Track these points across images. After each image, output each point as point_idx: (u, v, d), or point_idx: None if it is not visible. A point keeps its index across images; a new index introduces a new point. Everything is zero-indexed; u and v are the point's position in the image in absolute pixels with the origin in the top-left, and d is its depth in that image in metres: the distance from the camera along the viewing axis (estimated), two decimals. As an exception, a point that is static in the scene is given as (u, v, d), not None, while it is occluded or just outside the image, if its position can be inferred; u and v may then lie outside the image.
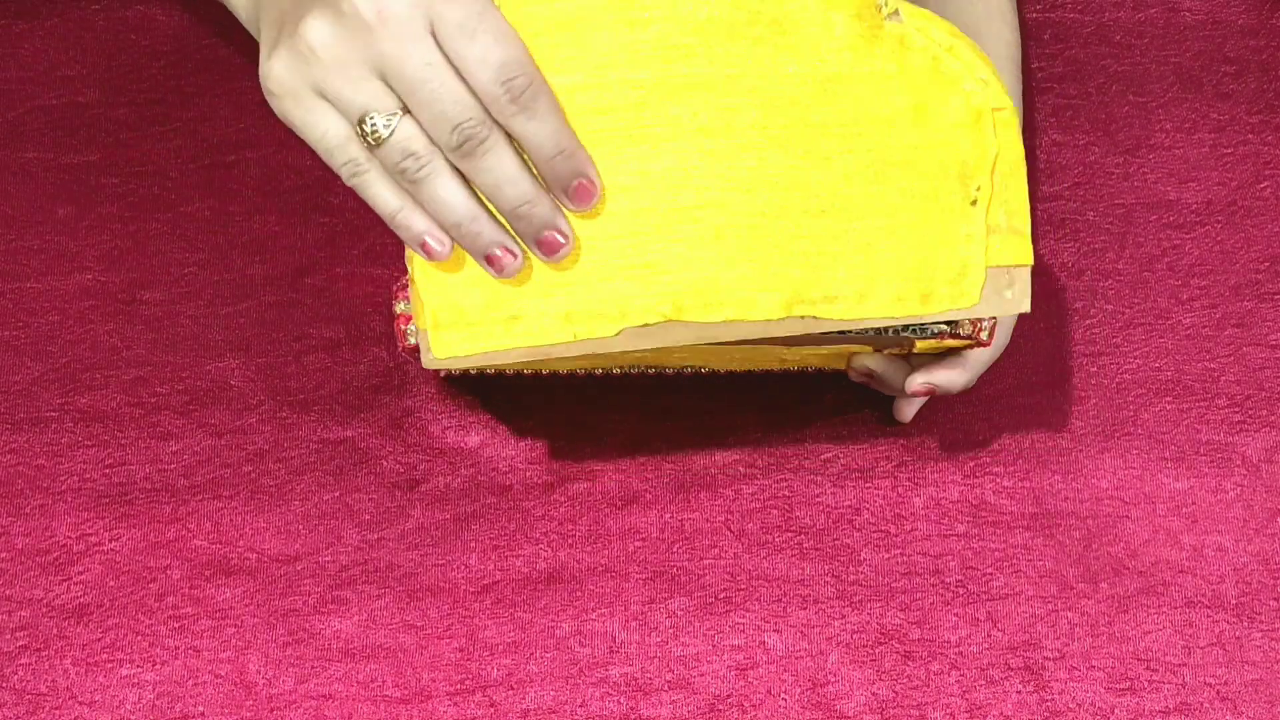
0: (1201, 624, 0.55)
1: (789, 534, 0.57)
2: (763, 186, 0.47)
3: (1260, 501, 0.58)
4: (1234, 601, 0.56)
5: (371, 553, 0.57)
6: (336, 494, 0.58)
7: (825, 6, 0.46)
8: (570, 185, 0.46)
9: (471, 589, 0.56)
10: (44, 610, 0.55)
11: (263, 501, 0.57)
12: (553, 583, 0.56)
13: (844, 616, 0.56)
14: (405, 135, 0.44)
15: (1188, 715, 0.54)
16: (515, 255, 0.46)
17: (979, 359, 0.55)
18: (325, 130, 0.45)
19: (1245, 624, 0.56)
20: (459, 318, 0.47)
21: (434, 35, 0.43)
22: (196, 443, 0.58)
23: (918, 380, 0.54)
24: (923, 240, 0.47)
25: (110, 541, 0.57)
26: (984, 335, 0.51)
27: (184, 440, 0.58)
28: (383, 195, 0.46)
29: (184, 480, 0.58)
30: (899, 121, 0.47)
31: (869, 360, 0.56)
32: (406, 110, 0.44)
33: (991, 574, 0.56)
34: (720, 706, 0.54)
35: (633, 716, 0.54)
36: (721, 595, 0.56)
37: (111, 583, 0.56)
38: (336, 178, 0.63)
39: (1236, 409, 0.59)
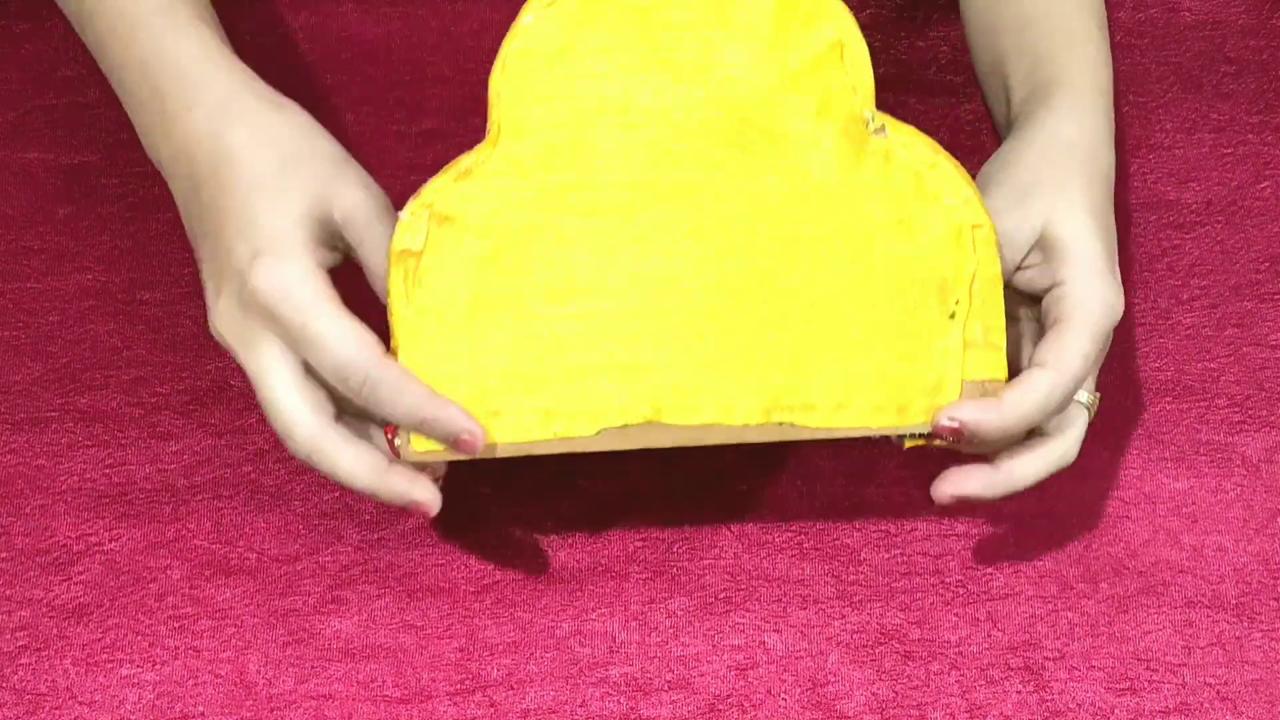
0: (1201, 624, 0.55)
1: (789, 534, 0.57)
2: (746, 292, 0.48)
3: (1260, 501, 0.58)
4: (1234, 601, 0.56)
5: (372, 552, 0.57)
6: (336, 494, 0.58)
7: (814, 120, 0.47)
8: (450, 441, 0.46)
9: (471, 589, 0.56)
10: (44, 610, 0.55)
11: (263, 501, 0.57)
12: (553, 583, 0.56)
13: (844, 616, 0.56)
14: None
15: (1188, 715, 0.54)
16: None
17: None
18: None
19: (1245, 624, 0.56)
20: (432, 378, 0.47)
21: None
22: (197, 443, 0.58)
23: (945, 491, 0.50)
24: (901, 352, 0.48)
25: (110, 541, 0.57)
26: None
27: (184, 440, 0.58)
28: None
29: (184, 480, 0.58)
30: (881, 234, 0.48)
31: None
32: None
33: (991, 574, 0.56)
34: (720, 706, 0.54)
35: (633, 716, 0.54)
36: (721, 595, 0.56)
37: (111, 583, 0.56)
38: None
39: (1236, 409, 0.59)
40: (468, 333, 0.48)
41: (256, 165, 0.46)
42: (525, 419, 0.48)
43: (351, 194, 0.47)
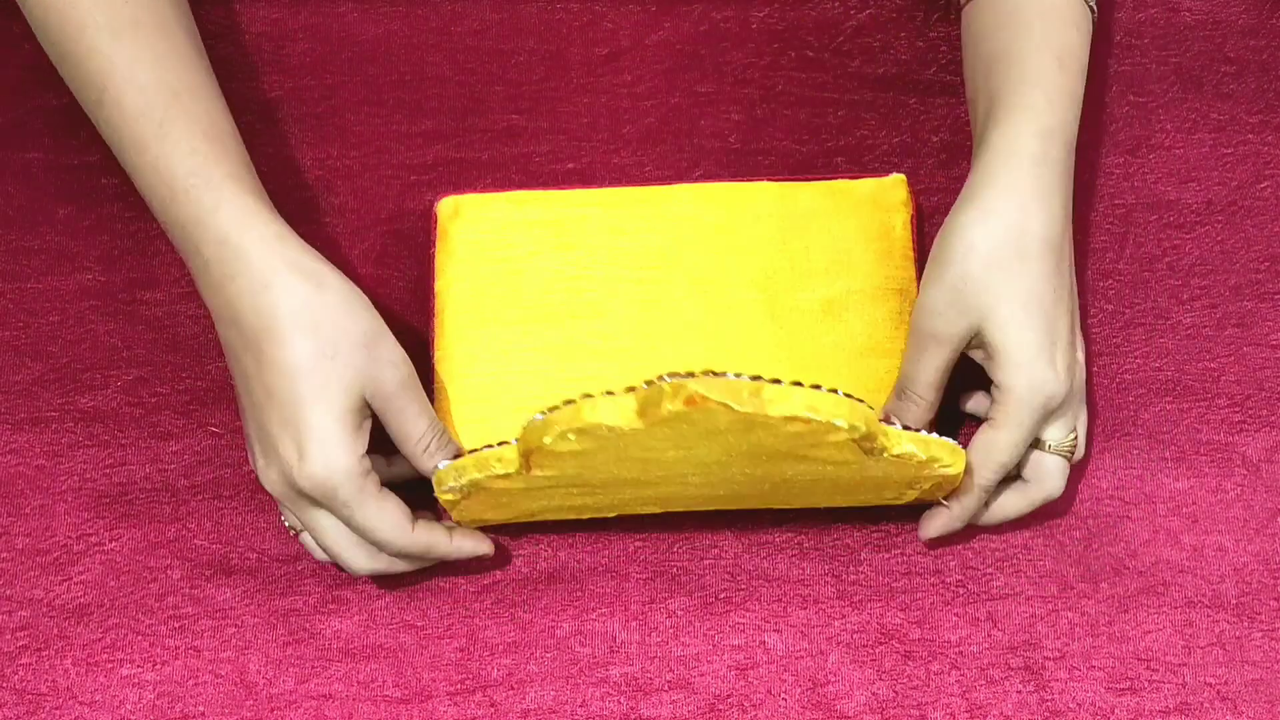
0: (1202, 624, 0.55)
1: (789, 534, 0.57)
2: (749, 496, 0.54)
3: (1260, 501, 0.58)
4: (1234, 601, 0.56)
5: (372, 553, 0.57)
6: (337, 494, 0.58)
7: (841, 447, 0.48)
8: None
9: (472, 589, 0.56)
10: (44, 610, 0.55)
11: (263, 501, 0.57)
12: (553, 582, 0.56)
13: (844, 616, 0.56)
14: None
15: (1188, 715, 0.54)
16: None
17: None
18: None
19: (1245, 624, 0.56)
20: (479, 522, 0.56)
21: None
22: (197, 443, 0.58)
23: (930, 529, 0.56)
24: (871, 495, 0.55)
25: (111, 541, 0.57)
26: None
27: (184, 440, 0.58)
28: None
29: (184, 480, 0.58)
30: (867, 476, 0.52)
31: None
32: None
33: (991, 574, 0.56)
34: (720, 706, 0.54)
35: (633, 716, 0.54)
36: (721, 595, 0.56)
37: (112, 583, 0.56)
38: (337, 178, 0.63)
39: (1237, 409, 0.59)
40: (511, 507, 0.54)
41: (298, 352, 0.49)
42: (558, 513, 0.55)
43: (384, 374, 0.51)
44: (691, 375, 0.45)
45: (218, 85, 0.55)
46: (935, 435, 0.50)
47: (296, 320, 0.49)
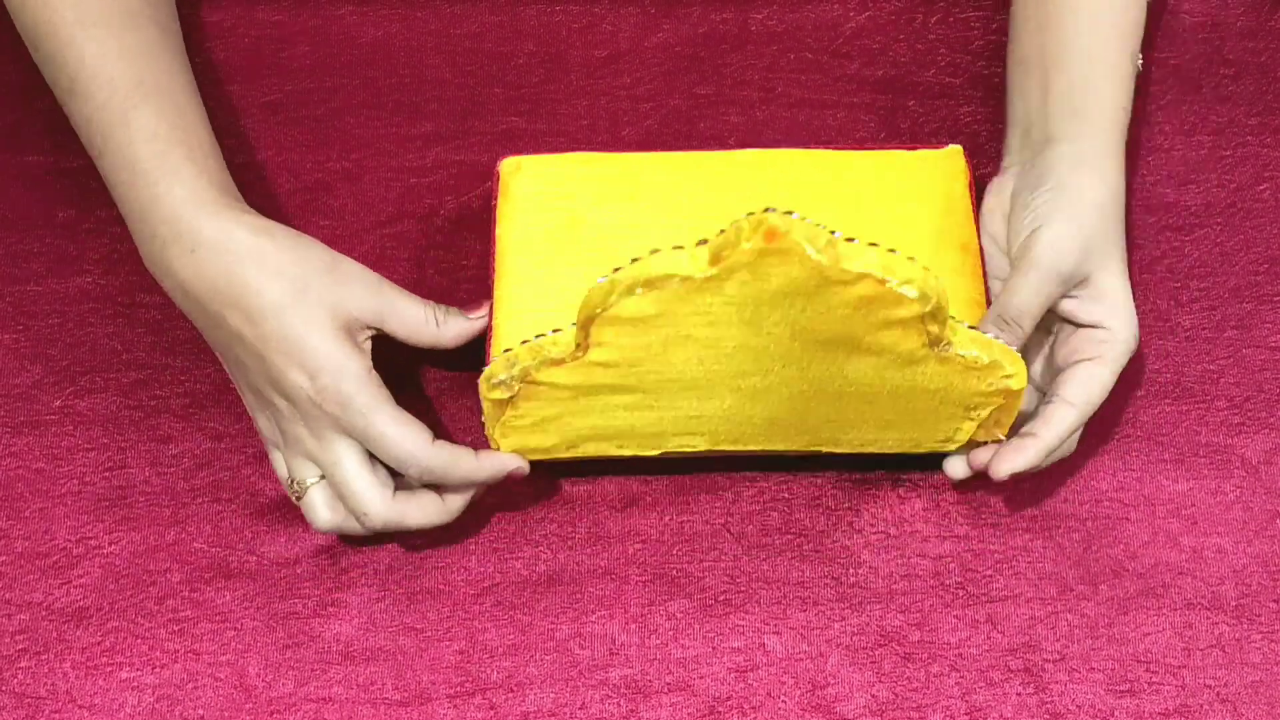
0: (1201, 626, 0.55)
1: (789, 536, 0.57)
2: (806, 400, 0.52)
3: (1260, 503, 0.58)
4: (1234, 603, 0.56)
5: (371, 555, 0.57)
6: (336, 497, 0.58)
7: (907, 328, 0.48)
8: (503, 479, 0.55)
9: (471, 591, 0.56)
10: (43, 613, 0.55)
11: (263, 504, 0.57)
12: (552, 585, 0.56)
13: (844, 619, 0.56)
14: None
15: (1187, 717, 0.54)
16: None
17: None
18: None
19: (1245, 626, 0.56)
20: (523, 449, 0.55)
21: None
22: (196, 446, 0.58)
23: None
24: (925, 427, 0.54)
25: (110, 545, 0.57)
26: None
27: (184, 443, 0.58)
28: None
29: (184, 483, 0.58)
30: (924, 387, 0.52)
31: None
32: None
33: (991, 576, 0.56)
34: (720, 709, 0.54)
35: (632, 719, 0.54)
36: (721, 597, 0.56)
37: (111, 586, 0.56)
38: (337, 180, 0.63)
39: (1236, 411, 0.59)
40: (558, 425, 0.53)
41: (276, 292, 0.52)
42: (598, 449, 0.55)
43: (354, 290, 0.53)
44: (771, 209, 0.44)
45: (188, 75, 0.57)
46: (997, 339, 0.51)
47: (262, 269, 0.52)
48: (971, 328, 0.50)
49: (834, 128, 0.64)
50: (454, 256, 0.62)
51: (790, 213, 0.44)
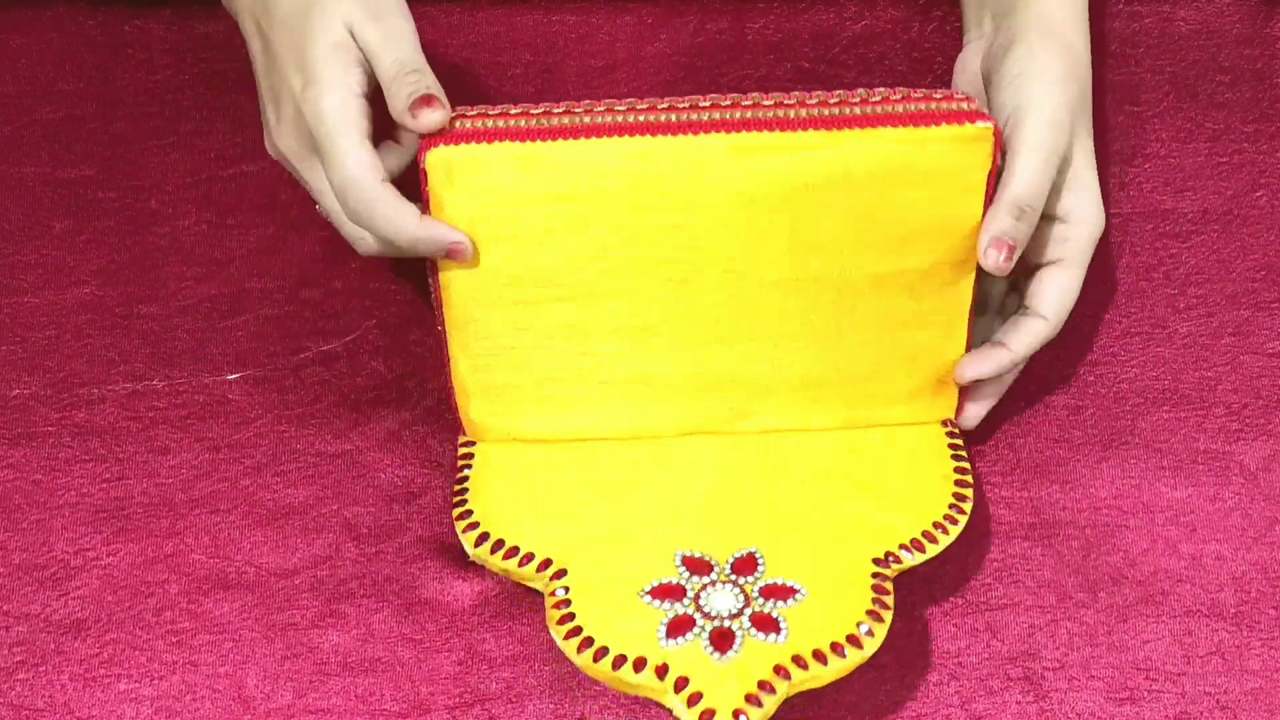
0: (1201, 633, 0.55)
1: (787, 545, 0.57)
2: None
3: (1258, 510, 0.58)
4: (1233, 610, 0.56)
5: (370, 566, 0.57)
6: (335, 507, 0.58)
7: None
8: (442, 254, 0.53)
9: (470, 602, 0.56)
10: (41, 625, 0.55)
11: (260, 515, 0.57)
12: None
13: (843, 627, 0.56)
14: None
15: (1188, 725, 0.54)
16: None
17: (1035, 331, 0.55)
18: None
19: (1245, 633, 0.56)
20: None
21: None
22: (194, 457, 0.58)
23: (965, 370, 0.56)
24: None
25: (108, 556, 0.57)
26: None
27: (182, 454, 0.58)
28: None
29: (182, 494, 0.58)
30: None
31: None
32: None
33: (990, 584, 0.56)
34: (719, 718, 0.54)
35: (632, 729, 0.54)
36: (720, 607, 0.56)
37: (109, 597, 0.56)
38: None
39: (1234, 417, 0.59)
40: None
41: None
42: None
43: (366, 2, 0.52)
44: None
45: None
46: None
47: None
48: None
49: (831, 136, 0.64)
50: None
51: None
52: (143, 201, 0.63)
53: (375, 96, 0.53)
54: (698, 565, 0.52)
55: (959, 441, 0.57)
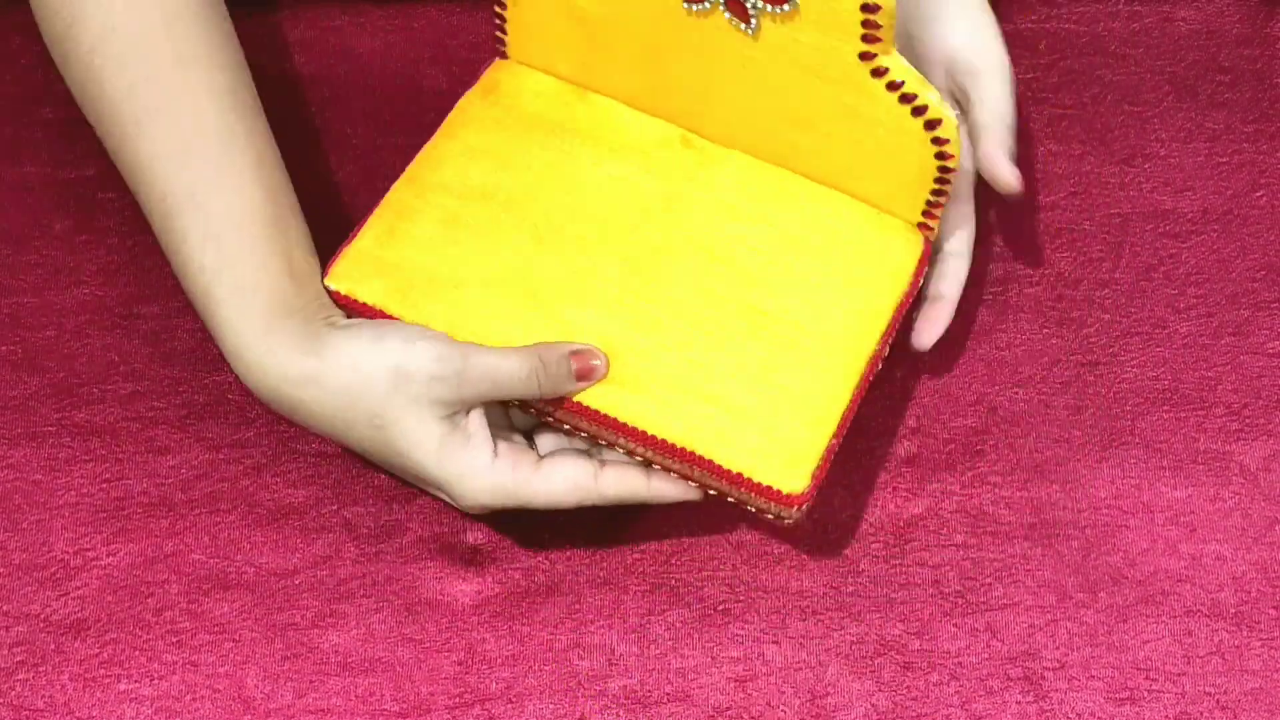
0: (1201, 633, 0.55)
1: (787, 545, 0.57)
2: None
3: (1259, 510, 0.58)
4: (1233, 610, 0.56)
5: (370, 566, 0.57)
6: (334, 507, 0.58)
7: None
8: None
9: (470, 602, 0.56)
10: (41, 625, 0.55)
11: (260, 515, 0.57)
12: (551, 595, 0.56)
13: (843, 628, 0.56)
14: None
15: (1188, 725, 0.54)
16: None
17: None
18: None
19: (1245, 633, 0.55)
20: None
21: None
22: (194, 457, 0.58)
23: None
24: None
25: (108, 556, 0.57)
26: None
27: (182, 454, 0.58)
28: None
29: (182, 494, 0.58)
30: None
31: None
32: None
33: (990, 584, 0.56)
34: (719, 718, 0.54)
35: (632, 729, 0.54)
36: (720, 607, 0.56)
37: (109, 597, 0.56)
38: (334, 191, 0.63)
39: (1234, 417, 0.59)
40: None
41: (357, 439, 0.52)
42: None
43: (439, 386, 0.50)
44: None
45: (253, 145, 0.54)
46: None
47: (329, 423, 0.52)
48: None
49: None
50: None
51: None
52: (143, 202, 0.63)
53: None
54: None
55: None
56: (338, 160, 0.64)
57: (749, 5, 0.52)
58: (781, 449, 0.52)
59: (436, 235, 0.56)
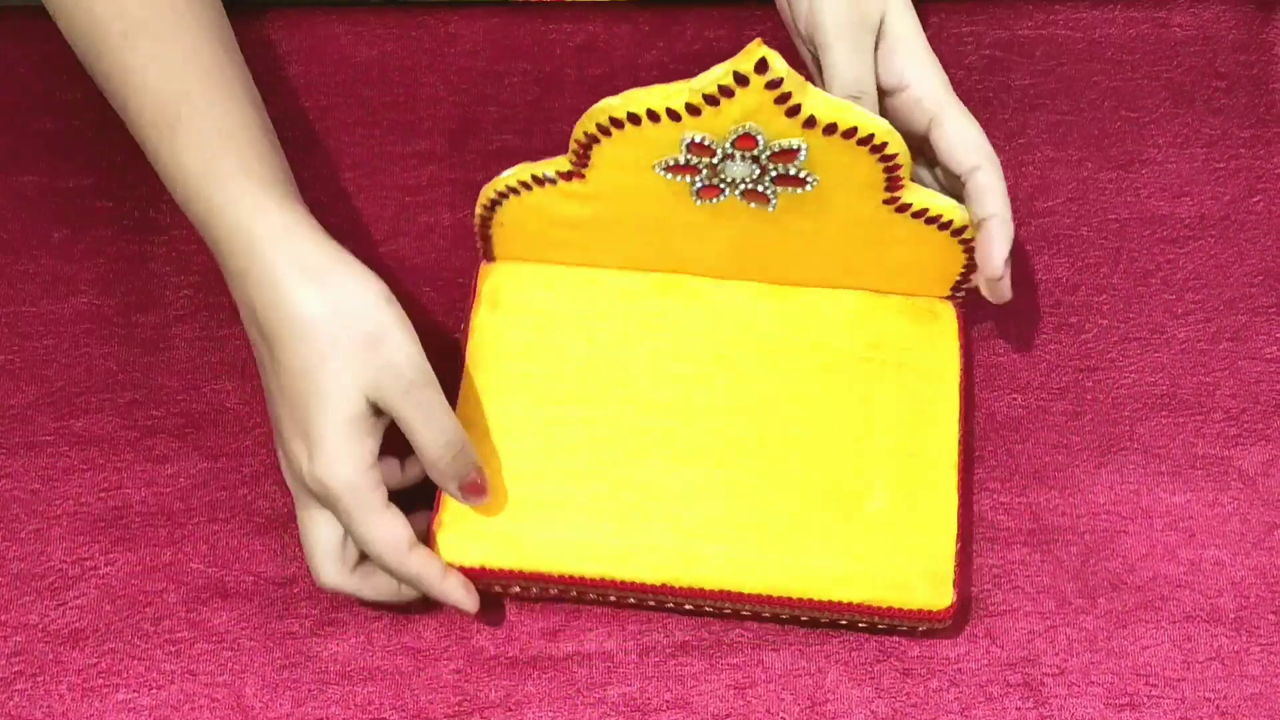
0: (1200, 638, 0.55)
1: (786, 552, 0.57)
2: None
3: (1257, 515, 0.58)
4: (1232, 616, 0.56)
5: (368, 574, 0.57)
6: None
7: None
8: (460, 604, 0.53)
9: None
10: (39, 635, 0.55)
11: (259, 524, 0.57)
12: (550, 603, 0.56)
13: (842, 634, 0.55)
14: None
15: (1187, 731, 0.54)
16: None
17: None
18: None
19: (1244, 638, 0.55)
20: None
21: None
22: (192, 466, 0.58)
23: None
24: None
25: (106, 566, 0.57)
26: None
27: (180, 463, 0.58)
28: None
29: (180, 503, 0.58)
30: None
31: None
32: None
33: (989, 590, 0.56)
34: (719, 726, 0.54)
35: (631, 737, 0.54)
36: (719, 613, 0.56)
37: (107, 607, 0.56)
38: (332, 199, 0.63)
39: (1232, 423, 0.59)
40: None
41: (301, 355, 0.49)
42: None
43: (384, 380, 0.49)
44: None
45: (243, 76, 0.54)
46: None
47: (300, 322, 0.49)
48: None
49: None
50: (449, 274, 0.62)
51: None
52: (141, 211, 0.63)
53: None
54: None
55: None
56: (334, 169, 0.64)
57: (769, 193, 0.52)
58: (912, 569, 0.52)
59: (513, 472, 0.54)
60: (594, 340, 0.56)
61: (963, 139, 0.53)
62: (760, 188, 0.52)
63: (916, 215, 0.52)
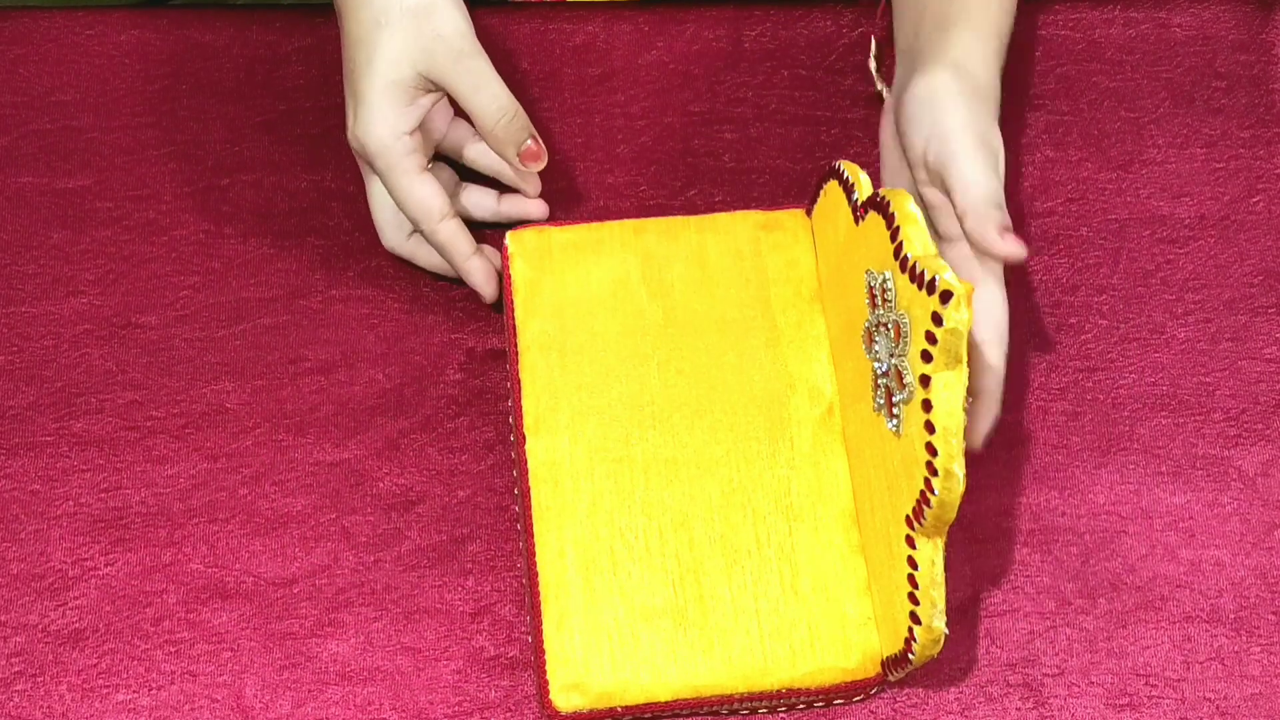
0: (1200, 639, 0.55)
1: (786, 552, 0.57)
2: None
3: (1257, 515, 0.58)
4: (1232, 616, 0.56)
5: (368, 575, 0.57)
6: (333, 516, 0.58)
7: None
8: (486, 282, 0.58)
9: (468, 610, 0.56)
10: (39, 636, 0.55)
11: (259, 524, 0.57)
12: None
13: (842, 635, 0.55)
14: None
15: (1187, 731, 0.54)
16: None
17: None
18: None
19: (1244, 638, 0.55)
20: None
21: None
22: (192, 466, 0.58)
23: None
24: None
25: (106, 566, 0.57)
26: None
27: (180, 464, 0.58)
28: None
29: (180, 504, 0.58)
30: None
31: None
32: None
33: (989, 590, 0.56)
34: (719, 726, 0.54)
35: (631, 737, 0.54)
36: (719, 614, 0.56)
37: (107, 608, 0.56)
38: (332, 200, 0.63)
39: (1232, 423, 0.59)
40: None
41: (358, 21, 0.54)
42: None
43: (433, 46, 0.54)
44: None
45: None
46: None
47: None
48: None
49: (828, 144, 0.64)
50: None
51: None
52: (140, 211, 0.63)
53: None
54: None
55: None
56: (335, 169, 0.64)
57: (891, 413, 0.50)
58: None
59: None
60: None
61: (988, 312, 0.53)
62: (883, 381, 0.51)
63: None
